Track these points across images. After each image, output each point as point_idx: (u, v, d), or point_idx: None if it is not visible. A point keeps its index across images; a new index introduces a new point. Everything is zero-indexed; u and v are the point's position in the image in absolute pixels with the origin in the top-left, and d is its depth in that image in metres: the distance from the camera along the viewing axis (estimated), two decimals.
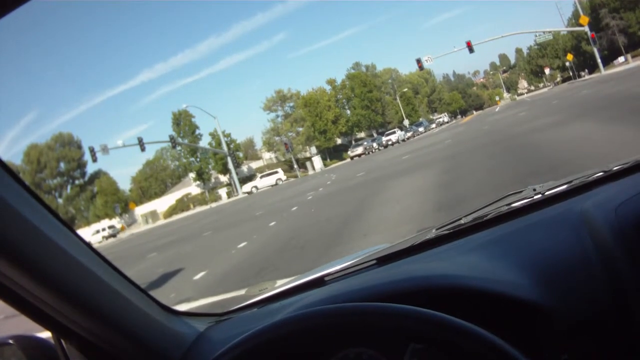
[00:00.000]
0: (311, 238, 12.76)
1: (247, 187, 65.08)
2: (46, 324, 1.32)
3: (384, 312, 1.14)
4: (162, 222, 67.68)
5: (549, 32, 67.33)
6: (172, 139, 65.07)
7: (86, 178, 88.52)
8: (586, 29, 59.11)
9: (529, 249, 1.55)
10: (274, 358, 1.27)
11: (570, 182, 1.90)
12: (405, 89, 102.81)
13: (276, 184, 62.55)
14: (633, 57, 62.87)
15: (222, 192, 73.10)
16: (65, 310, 1.27)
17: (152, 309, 1.53)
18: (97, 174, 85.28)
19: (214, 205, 64.94)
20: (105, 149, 54.88)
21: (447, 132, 49.05)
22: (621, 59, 67.32)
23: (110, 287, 1.36)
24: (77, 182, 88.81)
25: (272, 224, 18.33)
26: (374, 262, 1.90)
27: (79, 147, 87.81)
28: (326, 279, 1.92)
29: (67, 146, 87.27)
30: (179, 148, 73.95)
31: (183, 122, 73.35)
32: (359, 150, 69.36)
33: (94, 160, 53.58)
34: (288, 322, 1.18)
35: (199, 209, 67.42)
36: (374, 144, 70.42)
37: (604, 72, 58.64)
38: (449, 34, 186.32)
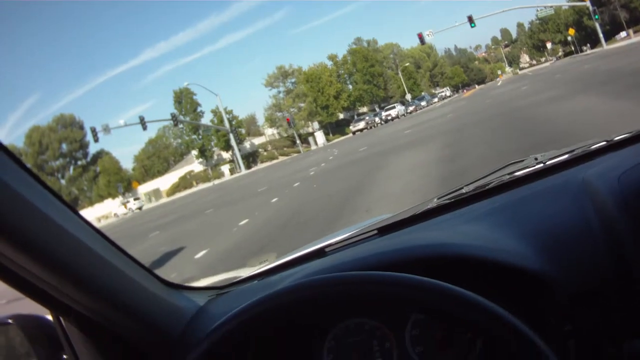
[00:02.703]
0: (313, 215, 12.76)
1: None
2: (45, 302, 1.30)
3: (385, 280, 1.13)
4: (165, 200, 68.28)
5: (550, 7, 66.98)
6: (173, 116, 64.86)
7: (88, 158, 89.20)
8: (588, 3, 59.08)
9: (530, 218, 1.53)
10: (274, 328, 1.27)
11: (572, 151, 1.89)
12: (407, 64, 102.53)
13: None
14: (635, 32, 62.49)
15: (225, 168, 73.21)
16: (64, 288, 1.24)
17: (151, 284, 1.50)
18: (100, 154, 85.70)
19: (216, 182, 65.20)
20: (107, 129, 55.05)
21: (449, 106, 48.94)
22: (623, 34, 67.31)
23: (109, 262, 1.33)
24: (79, 162, 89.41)
25: (274, 200, 18.34)
26: (375, 232, 1.88)
27: (81, 127, 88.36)
28: (327, 249, 1.90)
29: (69, 127, 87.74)
30: (180, 126, 74.04)
31: (184, 100, 73.42)
32: (361, 125, 69.23)
33: (96, 140, 53.83)
34: (288, 291, 1.17)
35: (201, 186, 67.72)
36: (376, 119, 70.19)
37: (605, 46, 58.63)
38: (451, 8, 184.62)
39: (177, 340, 1.50)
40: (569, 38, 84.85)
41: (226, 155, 75.02)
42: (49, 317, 1.46)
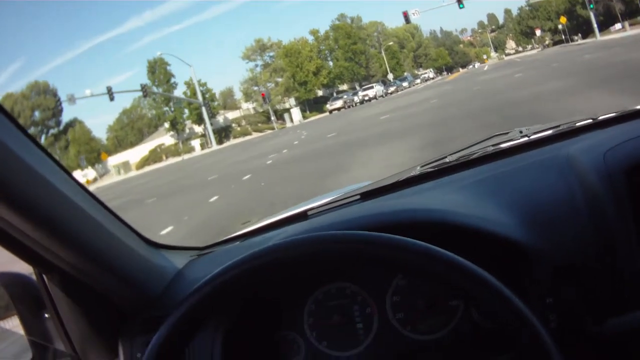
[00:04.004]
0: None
1: None
2: (28, 258, 1.32)
3: (369, 239, 1.10)
4: (134, 173, 65.39)
5: None
6: (143, 87, 62.10)
7: (61, 127, 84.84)
8: None
9: (514, 189, 1.54)
10: (256, 289, 1.29)
11: (557, 126, 1.91)
12: (391, 43, 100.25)
13: None
14: (631, 24, 59.75)
15: (196, 143, 70.55)
16: (48, 243, 1.24)
17: (134, 242, 1.50)
18: (73, 123, 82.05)
19: (186, 157, 62.64)
20: (71, 99, 53.56)
21: (433, 89, 45.35)
22: (618, 25, 64.40)
23: (93, 219, 1.33)
24: (52, 131, 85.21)
25: (214, 199, 15.45)
26: (358, 197, 1.89)
27: (55, 95, 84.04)
28: (309, 213, 1.91)
29: (43, 94, 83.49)
30: (153, 97, 71.34)
31: (158, 71, 70.35)
32: (338, 103, 66.48)
33: (59, 111, 51.26)
34: (268, 251, 1.14)
35: (171, 160, 65.34)
36: (355, 98, 67.07)
37: (599, 37, 56.08)
38: None
39: (158, 299, 1.52)
40: (560, 26, 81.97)
41: (199, 128, 72.00)
42: (32, 276, 1.48)
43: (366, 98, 66.23)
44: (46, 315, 1.51)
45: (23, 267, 1.40)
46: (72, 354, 1.51)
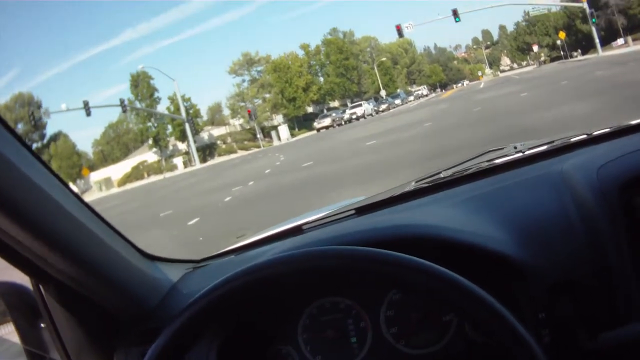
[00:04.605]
0: None
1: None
2: (25, 268, 1.34)
3: (363, 255, 1.11)
4: (115, 190, 63.31)
5: (545, 5, 62.32)
6: (122, 102, 59.63)
7: (45, 140, 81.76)
8: (585, 5, 54.15)
9: (508, 205, 1.55)
10: (250, 303, 1.28)
11: (552, 142, 1.92)
12: (384, 58, 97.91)
13: None
14: (634, 40, 57.31)
15: (178, 161, 67.94)
16: (44, 254, 1.26)
17: (131, 254, 1.51)
18: (57, 136, 78.74)
19: (167, 175, 60.40)
20: (46, 113, 54.45)
21: (427, 108, 41.66)
22: (620, 40, 62.17)
23: (90, 231, 1.34)
24: (35, 145, 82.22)
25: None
26: (353, 211, 1.91)
27: (39, 107, 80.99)
28: (304, 227, 1.93)
29: (27, 107, 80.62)
30: (134, 112, 69.19)
31: (141, 84, 68.03)
32: (326, 122, 63.63)
33: (34, 126, 48.97)
34: (263, 266, 1.16)
35: (153, 178, 63.10)
36: (344, 116, 63.90)
37: (601, 53, 53.26)
38: (433, 6, 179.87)
39: (153, 311, 1.54)
40: (559, 42, 79.60)
41: (182, 145, 69.37)
42: (29, 286, 1.50)
43: (354, 116, 62.73)
44: (42, 325, 1.53)
45: (20, 277, 1.41)
46: None
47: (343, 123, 61.08)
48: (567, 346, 1.31)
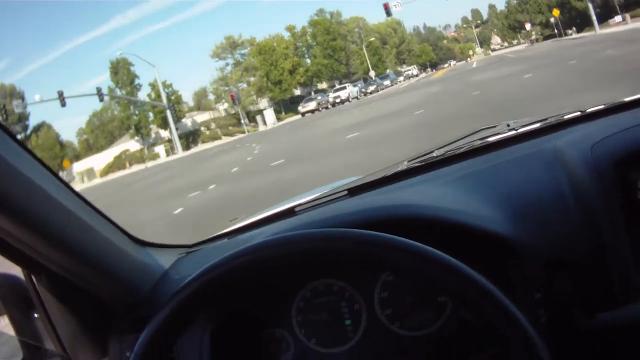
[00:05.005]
0: None
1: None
2: (16, 259, 1.35)
3: (357, 237, 1.11)
4: (98, 180, 61.36)
5: None
6: (99, 91, 56.89)
7: (28, 132, 79.69)
8: None
9: (502, 184, 1.56)
10: (243, 287, 1.29)
11: (545, 119, 1.93)
12: (372, 39, 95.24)
13: None
14: (632, 17, 54.84)
15: (161, 149, 65.90)
16: (35, 244, 1.27)
17: (122, 241, 1.53)
18: (41, 126, 76.94)
19: (149, 164, 58.80)
20: (19, 106, 53.82)
21: (417, 91, 38.18)
22: (618, 18, 59.62)
23: (80, 218, 1.35)
24: (18, 136, 79.80)
25: None
26: (345, 192, 1.91)
27: (22, 98, 78.48)
28: (296, 209, 1.93)
29: (9, 97, 78.39)
30: (116, 100, 67.81)
31: (121, 72, 65.84)
32: (311, 105, 61.03)
33: (4, 119, 46.71)
34: (255, 249, 1.16)
35: (135, 167, 61.52)
36: (330, 99, 60.88)
37: (599, 31, 50.90)
38: None
39: (146, 298, 1.55)
40: (552, 19, 77.37)
41: (165, 133, 67.15)
42: (21, 276, 1.52)
43: (338, 100, 59.37)
44: (36, 316, 1.54)
45: (11, 268, 1.42)
46: (62, 354, 1.53)
47: (329, 106, 58.42)
48: (564, 326, 1.31)
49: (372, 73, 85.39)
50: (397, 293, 1.53)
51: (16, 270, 1.47)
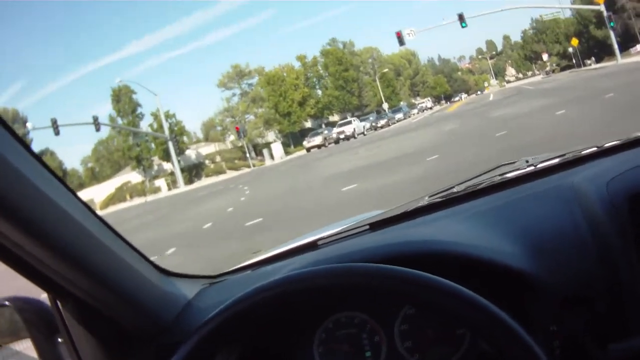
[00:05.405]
0: None
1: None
2: (43, 284, 1.35)
3: (376, 273, 1.14)
4: (98, 213, 57.97)
5: (559, 8, 58.00)
6: (95, 120, 53.81)
7: None
8: (602, 7, 49.52)
9: (520, 219, 1.57)
10: (267, 320, 1.36)
11: (563, 155, 1.95)
12: (386, 70, 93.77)
13: None
14: None
15: (162, 183, 63.45)
16: (62, 269, 1.28)
17: (146, 270, 1.54)
18: (44, 153, 74.85)
19: (150, 198, 56.78)
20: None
21: (431, 128, 34.36)
22: (639, 47, 56.79)
23: (106, 246, 1.37)
24: None
25: None
26: (367, 227, 1.93)
27: (24, 123, 77.20)
28: (319, 242, 1.95)
29: (12, 123, 75.81)
30: (116, 129, 65.04)
31: (123, 99, 63.54)
32: (317, 140, 57.81)
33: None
34: (280, 283, 1.19)
35: (136, 200, 59.54)
36: (333, 135, 57.63)
37: (620, 60, 48.93)
38: (436, 16, 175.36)
39: (169, 327, 1.56)
40: (571, 49, 75.39)
41: (168, 165, 64.58)
42: (46, 301, 1.52)
43: (342, 136, 55.98)
44: (59, 340, 1.55)
45: (38, 292, 1.43)
46: None
47: (339, 140, 55.53)
48: (577, 357, 1.33)
49: (385, 105, 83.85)
50: (417, 326, 1.54)
51: (41, 295, 1.47)
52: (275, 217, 14.83)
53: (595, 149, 1.89)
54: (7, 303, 1.58)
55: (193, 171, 64.20)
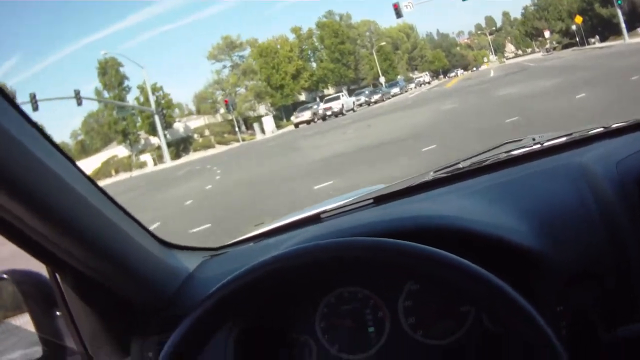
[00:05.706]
0: None
1: None
2: (42, 256, 1.36)
3: (373, 246, 1.15)
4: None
5: None
6: (77, 93, 51.59)
7: None
8: None
9: (527, 197, 1.57)
10: (270, 294, 1.34)
11: (570, 134, 1.95)
12: (384, 43, 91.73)
13: None
14: None
15: (148, 157, 61.35)
16: (61, 241, 1.28)
17: (147, 241, 1.53)
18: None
19: (135, 173, 55.07)
20: None
21: (429, 106, 31.27)
22: None
23: (107, 217, 1.36)
24: None
25: None
26: (371, 201, 1.93)
27: (14, 98, 74.98)
28: (322, 216, 1.95)
29: None
30: (99, 103, 63.03)
31: (109, 72, 61.31)
32: (306, 115, 54.92)
33: None
34: (285, 257, 1.19)
35: (122, 175, 57.40)
36: (320, 110, 54.78)
37: (628, 39, 46.78)
38: None
39: (171, 299, 1.56)
40: (574, 27, 72.55)
41: (155, 140, 62.48)
42: (45, 274, 1.52)
43: (328, 113, 53.04)
44: (57, 313, 1.55)
45: (36, 265, 1.42)
46: (83, 352, 1.55)
47: (326, 117, 52.80)
48: (585, 339, 1.32)
49: (382, 79, 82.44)
50: (421, 302, 1.53)
51: (40, 267, 1.46)
52: (228, 224, 12.11)
53: (601, 129, 1.87)
54: (5, 276, 1.57)
55: (181, 145, 62.12)
